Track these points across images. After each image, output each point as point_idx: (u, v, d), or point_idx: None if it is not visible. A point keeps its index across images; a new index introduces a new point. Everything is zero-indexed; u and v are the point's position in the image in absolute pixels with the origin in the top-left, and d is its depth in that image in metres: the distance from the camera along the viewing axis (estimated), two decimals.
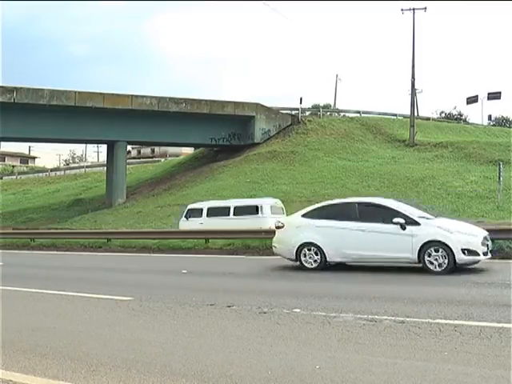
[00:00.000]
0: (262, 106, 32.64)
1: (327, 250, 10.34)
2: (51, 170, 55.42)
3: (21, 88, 27.06)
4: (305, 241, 10.53)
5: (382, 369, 4.25)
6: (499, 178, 18.47)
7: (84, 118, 28.54)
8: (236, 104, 31.87)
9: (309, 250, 10.50)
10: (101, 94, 28.72)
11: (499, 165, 18.72)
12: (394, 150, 30.08)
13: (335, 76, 57.00)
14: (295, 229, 10.84)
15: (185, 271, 11.50)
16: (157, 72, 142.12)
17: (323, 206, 11.12)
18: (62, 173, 52.49)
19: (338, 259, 10.43)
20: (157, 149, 61.58)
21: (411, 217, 9.86)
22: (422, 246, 9.47)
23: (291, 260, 10.90)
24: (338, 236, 10.31)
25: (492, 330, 5.30)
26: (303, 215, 11.02)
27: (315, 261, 10.44)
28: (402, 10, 32.41)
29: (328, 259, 10.39)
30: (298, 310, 6.56)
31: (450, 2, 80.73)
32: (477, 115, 55.42)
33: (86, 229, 22.40)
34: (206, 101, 31.21)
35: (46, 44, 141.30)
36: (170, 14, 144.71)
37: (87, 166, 54.27)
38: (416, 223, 9.72)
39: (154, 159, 53.01)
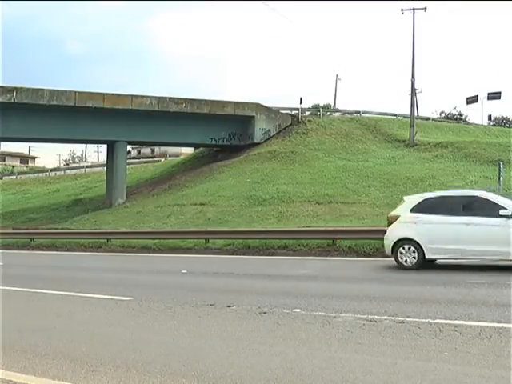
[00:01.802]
0: (262, 106, 32.62)
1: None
2: (51, 170, 55.38)
3: (21, 88, 27.04)
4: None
5: (382, 369, 4.25)
6: (499, 178, 18.46)
7: (84, 118, 28.52)
8: (236, 104, 31.84)
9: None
10: (101, 94, 28.69)
11: (499, 165, 18.71)
12: (394, 150, 30.07)
13: (335, 76, 56.99)
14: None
15: (185, 271, 11.50)
16: (157, 72, 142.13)
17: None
18: (62, 173, 52.46)
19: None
20: (157, 149, 61.56)
21: None
22: None
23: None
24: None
25: (492, 330, 5.30)
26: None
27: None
28: (402, 10, 32.40)
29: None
30: (297, 310, 6.56)
31: (450, 2, 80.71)
32: (477, 115, 55.40)
33: (86, 229, 22.39)
34: (205, 101, 31.19)
35: (46, 44, 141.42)
36: (170, 14, 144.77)
37: (87, 166, 54.23)
38: None
39: (154, 159, 52.94)
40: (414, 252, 9.82)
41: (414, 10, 32.14)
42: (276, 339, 5.29)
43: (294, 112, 34.23)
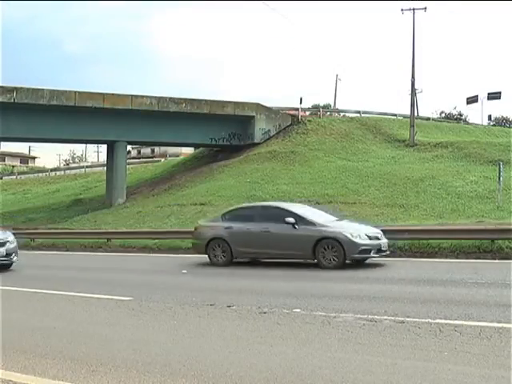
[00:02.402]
0: (262, 106, 32.58)
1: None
2: (51, 170, 55.34)
3: (21, 88, 27.00)
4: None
5: (382, 369, 4.25)
6: (499, 178, 18.44)
7: (84, 118, 28.49)
8: (236, 104, 31.82)
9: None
10: (101, 94, 28.65)
11: (499, 165, 18.69)
12: (394, 149, 30.04)
13: (335, 76, 56.83)
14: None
15: (185, 271, 11.50)
16: (157, 72, 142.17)
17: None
18: (62, 173, 52.42)
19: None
20: (157, 149, 61.55)
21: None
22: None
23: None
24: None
25: (492, 330, 5.30)
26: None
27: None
28: (402, 10, 32.35)
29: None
30: (298, 310, 6.56)
31: (450, 2, 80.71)
32: (477, 115, 55.39)
33: (85, 229, 22.37)
34: (205, 101, 31.16)
35: (46, 44, 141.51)
36: (170, 14, 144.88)
37: (87, 166, 54.20)
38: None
39: (154, 159, 52.90)
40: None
41: (414, 10, 32.10)
42: (276, 339, 5.29)
43: (293, 112, 34.23)
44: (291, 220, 11.14)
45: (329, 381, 4.03)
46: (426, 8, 32.46)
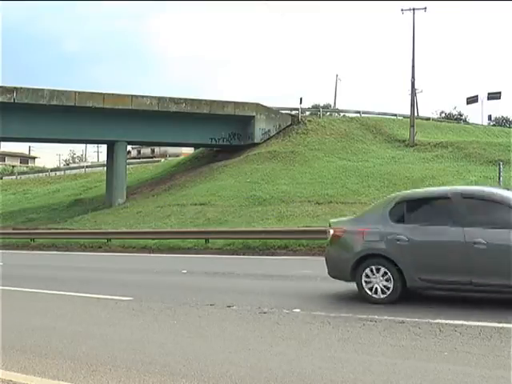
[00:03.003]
0: (262, 106, 32.59)
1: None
2: (51, 170, 55.34)
3: (21, 88, 27.01)
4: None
5: (382, 369, 4.25)
6: (499, 178, 18.44)
7: (84, 118, 28.50)
8: (236, 104, 31.83)
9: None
10: (101, 94, 28.67)
11: (499, 165, 18.69)
12: (394, 149, 30.05)
13: (335, 76, 57.00)
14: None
15: (185, 271, 11.50)
16: (157, 72, 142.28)
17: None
18: (62, 173, 52.41)
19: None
20: (157, 149, 61.56)
21: None
22: None
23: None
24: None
25: (492, 330, 5.30)
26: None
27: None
28: (402, 10, 32.38)
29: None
30: (297, 310, 6.56)
31: (450, 2, 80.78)
32: (477, 115, 55.45)
33: (85, 229, 22.38)
34: (206, 101, 31.18)
35: (46, 44, 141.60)
36: (170, 14, 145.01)
37: (87, 166, 54.20)
38: None
39: (154, 159, 52.93)
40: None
41: (413, 10, 32.11)
42: (276, 339, 5.29)
43: (293, 112, 34.23)
44: None
45: (329, 381, 4.03)
46: (425, 8, 32.49)
